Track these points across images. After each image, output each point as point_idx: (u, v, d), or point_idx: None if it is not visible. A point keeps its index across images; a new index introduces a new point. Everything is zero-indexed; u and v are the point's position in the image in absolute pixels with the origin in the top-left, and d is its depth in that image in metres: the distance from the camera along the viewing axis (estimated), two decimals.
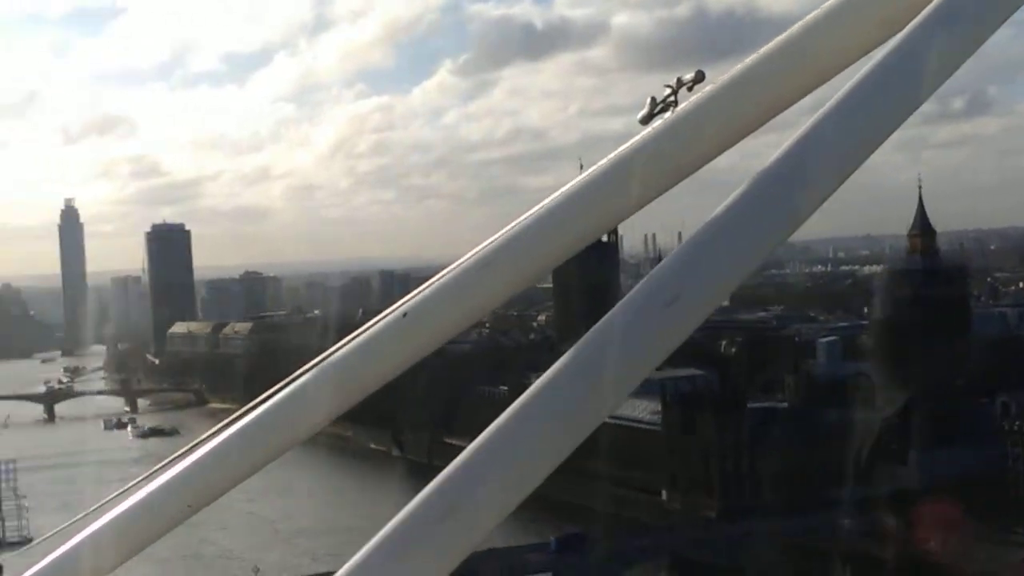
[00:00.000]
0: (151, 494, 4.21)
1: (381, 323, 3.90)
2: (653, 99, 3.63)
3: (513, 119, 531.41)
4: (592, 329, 3.00)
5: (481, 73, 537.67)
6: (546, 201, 3.67)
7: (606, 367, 2.95)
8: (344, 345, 3.99)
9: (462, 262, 3.74)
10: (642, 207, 3.67)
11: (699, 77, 3.54)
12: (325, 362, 3.97)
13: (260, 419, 4.08)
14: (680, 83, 3.57)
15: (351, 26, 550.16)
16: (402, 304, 3.85)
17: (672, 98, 3.58)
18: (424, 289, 3.84)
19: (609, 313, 3.01)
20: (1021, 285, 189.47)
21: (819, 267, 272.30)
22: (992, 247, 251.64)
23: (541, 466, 2.98)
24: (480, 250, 3.68)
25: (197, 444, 4.34)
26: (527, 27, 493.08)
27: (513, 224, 3.69)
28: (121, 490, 4.59)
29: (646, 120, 3.65)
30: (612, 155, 3.68)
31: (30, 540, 24.85)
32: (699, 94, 3.57)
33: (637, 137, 3.64)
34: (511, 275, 3.73)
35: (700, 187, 3.82)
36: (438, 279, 3.81)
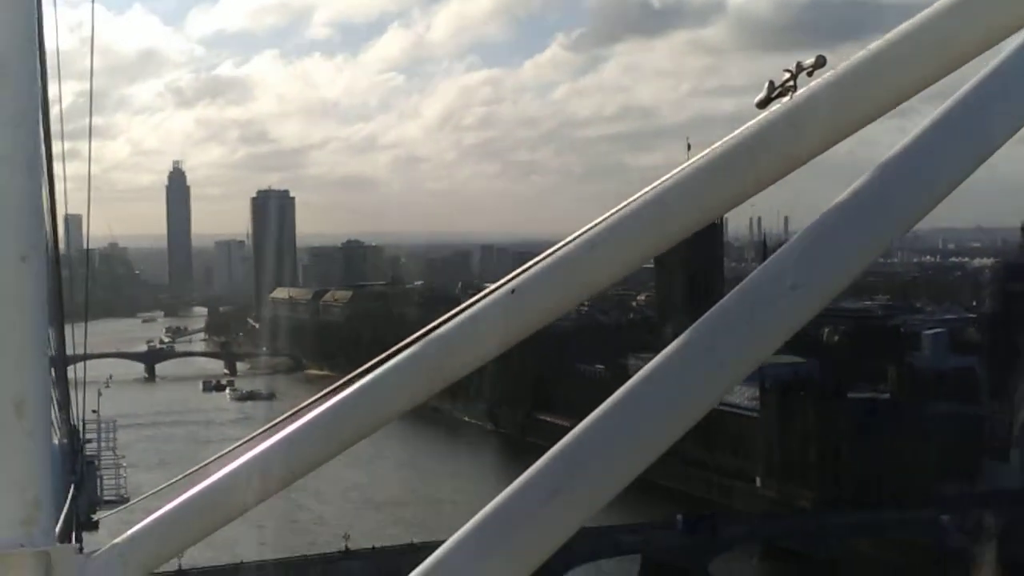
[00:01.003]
0: (256, 457, 4.24)
1: (488, 298, 3.87)
2: (771, 83, 3.52)
3: (623, 96, 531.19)
4: (709, 312, 2.99)
5: (594, 48, 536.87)
6: (657, 183, 3.60)
7: (721, 351, 2.94)
8: (450, 319, 3.96)
9: (572, 240, 3.70)
10: (757, 193, 3.60)
11: (820, 62, 3.43)
12: (431, 335, 3.94)
13: (365, 388, 4.08)
14: (800, 68, 3.46)
15: None
16: (510, 280, 3.83)
17: (791, 83, 3.47)
18: (533, 266, 3.80)
19: (728, 295, 3.00)
20: None
21: (928, 257, 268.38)
22: None
23: (650, 449, 2.97)
24: (590, 229, 3.64)
25: (302, 409, 4.36)
26: (643, 4, 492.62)
27: (624, 204, 3.63)
28: (218, 455, 4.62)
29: (763, 104, 3.54)
30: (727, 139, 3.61)
31: (127, 499, 25.06)
32: (819, 80, 3.46)
33: (753, 122, 3.56)
34: (621, 256, 3.67)
35: (810, 173, 3.73)
36: (546, 256, 3.78)
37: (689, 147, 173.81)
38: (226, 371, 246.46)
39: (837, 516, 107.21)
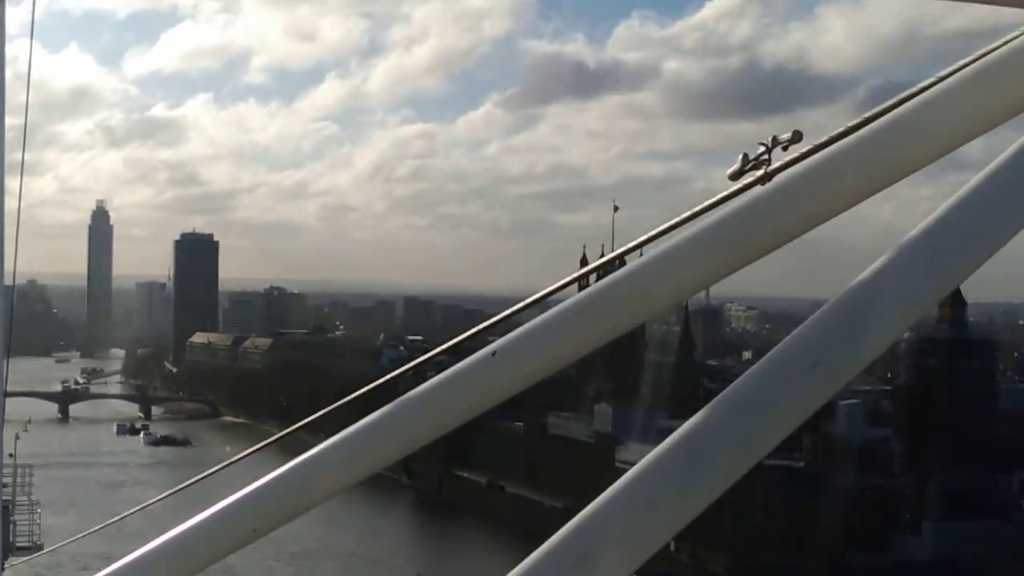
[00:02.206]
0: (215, 515, 4.18)
1: (469, 360, 3.86)
2: (745, 155, 3.55)
3: (554, 156, 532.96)
4: (725, 391, 2.98)
5: (527, 108, 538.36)
6: (644, 257, 3.66)
7: (736, 431, 2.94)
8: (431, 380, 3.97)
9: (557, 307, 3.75)
10: (738, 270, 3.65)
11: (796, 138, 3.47)
12: (409, 395, 3.95)
13: (337, 447, 4.06)
14: (776, 142, 3.48)
15: (404, 52, 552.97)
16: (493, 343, 3.84)
17: (766, 156, 3.49)
18: (518, 329, 3.83)
19: (746, 373, 2.99)
20: None
21: None
22: (1021, 322, 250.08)
23: (668, 525, 2.95)
24: (576, 297, 3.70)
25: (242, 457, 4.31)
26: (578, 66, 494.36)
27: (611, 276, 3.69)
28: (138, 507, 4.57)
29: (736, 176, 3.57)
30: (706, 212, 3.67)
31: (40, 547, 24.59)
32: (803, 164, 3.49)
33: (737, 199, 3.57)
34: (604, 323, 3.71)
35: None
36: (531, 323, 3.81)
37: (616, 208, 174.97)
38: (141, 415, 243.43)
39: None
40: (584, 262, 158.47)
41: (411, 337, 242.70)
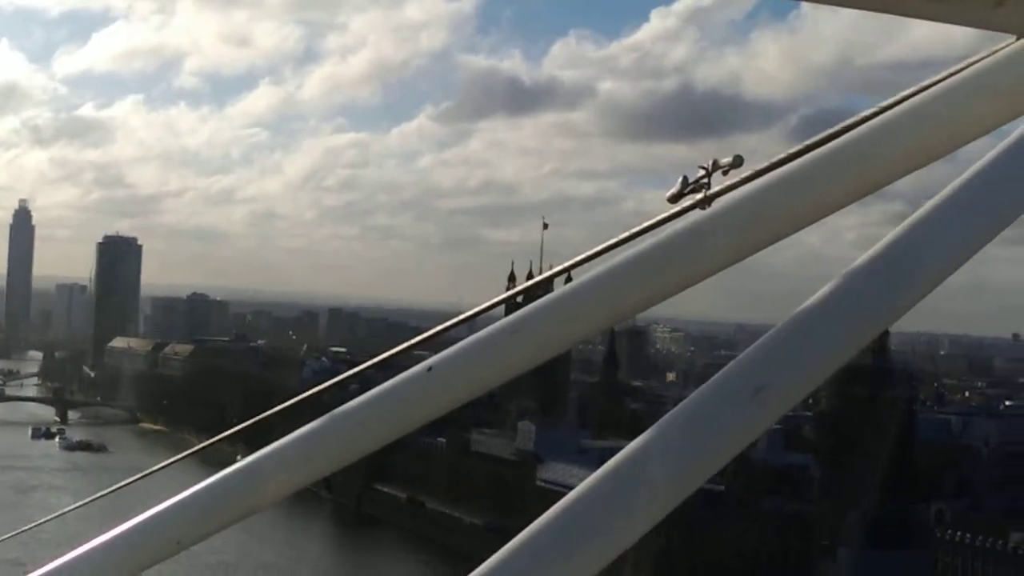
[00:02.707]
0: (138, 525, 4.13)
1: (404, 376, 3.84)
2: (685, 178, 3.56)
3: (486, 170, 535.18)
4: (669, 413, 2.97)
5: (461, 122, 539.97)
6: (585, 276, 3.64)
7: (680, 454, 2.92)
8: (364, 394, 3.95)
9: (500, 322, 3.72)
10: (674, 295, 3.67)
11: (737, 162, 3.48)
12: (345, 407, 3.93)
13: (268, 458, 4.03)
14: (716, 166, 3.49)
15: (340, 61, 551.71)
16: (428, 359, 3.81)
17: (705, 180, 3.50)
18: (455, 346, 3.81)
19: (689, 398, 2.98)
20: (967, 394, 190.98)
21: None
22: (942, 352, 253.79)
23: (607, 550, 2.89)
24: (514, 315, 3.68)
25: (166, 466, 4.24)
26: (514, 82, 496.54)
27: (549, 296, 3.69)
28: (53, 515, 4.50)
29: (675, 199, 3.58)
30: (644, 234, 3.69)
31: None
32: (742, 189, 3.51)
33: (675, 221, 3.57)
34: (539, 343, 3.71)
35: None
36: (468, 340, 3.79)
37: (546, 226, 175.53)
38: (57, 418, 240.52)
39: None
40: (512, 277, 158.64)
41: (335, 349, 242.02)
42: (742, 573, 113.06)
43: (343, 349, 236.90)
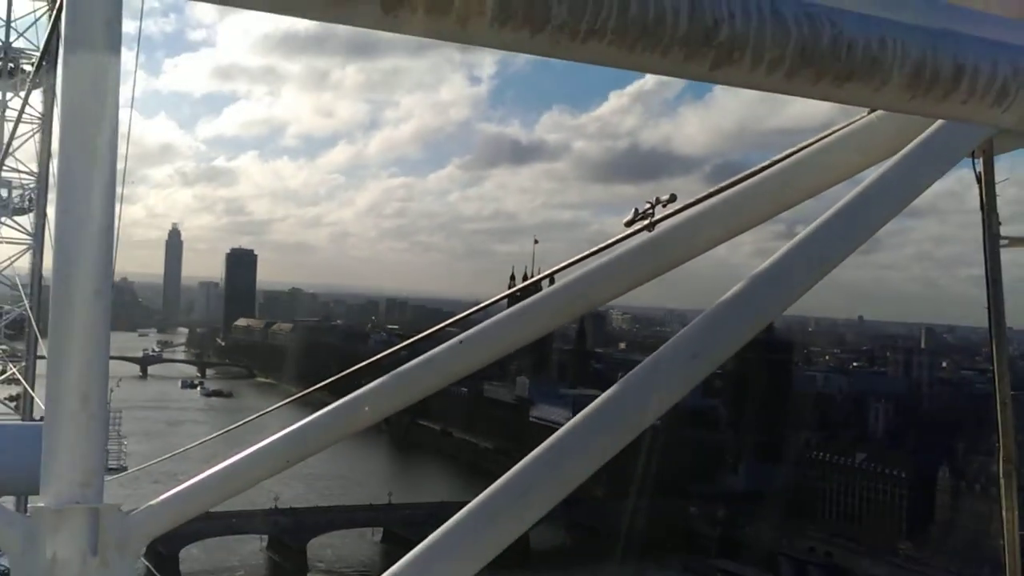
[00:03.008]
0: (260, 449, 4.15)
1: (442, 347, 3.95)
2: (636, 209, 3.55)
3: (496, 203, 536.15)
4: (629, 374, 2.99)
5: (478, 170, 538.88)
6: (566, 279, 3.79)
7: (638, 403, 2.95)
8: (413, 360, 4.05)
9: (507, 310, 3.86)
10: (628, 291, 3.76)
11: (672, 198, 3.49)
12: (400, 369, 4.01)
13: (342, 406, 4.07)
14: (658, 200, 3.50)
15: (394, 128, 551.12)
16: (460, 335, 3.94)
17: (651, 211, 3.51)
18: (478, 326, 3.92)
19: (643, 362, 3.00)
20: (826, 358, 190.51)
21: None
22: (810, 329, 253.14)
23: (581, 473, 2.94)
24: (518, 305, 3.82)
25: (273, 410, 4.26)
26: (515, 142, 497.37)
27: (541, 292, 3.84)
28: (195, 443, 4.51)
29: (629, 224, 3.57)
30: (603, 256, 3.76)
31: (125, 468, 24.22)
32: (677, 216, 3.56)
33: (628, 241, 3.64)
34: (536, 325, 3.83)
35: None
36: (487, 322, 3.91)
37: (536, 242, 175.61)
38: (199, 375, 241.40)
39: (620, 503, 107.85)
40: (512, 278, 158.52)
41: (390, 326, 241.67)
42: (676, 480, 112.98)
43: (396, 326, 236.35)
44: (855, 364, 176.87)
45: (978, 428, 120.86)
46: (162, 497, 3.90)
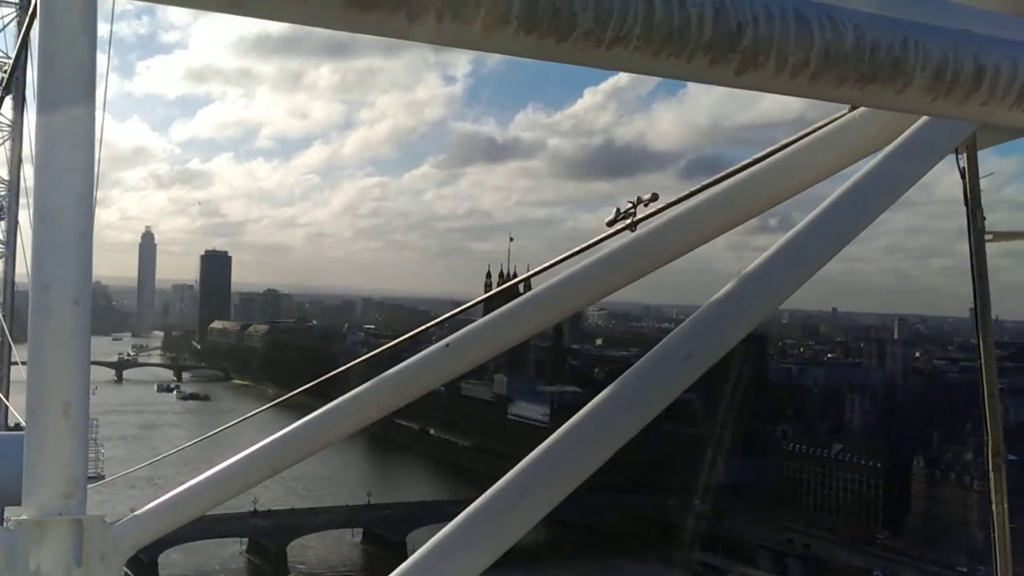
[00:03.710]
0: (246, 456, 4.13)
1: (429, 349, 3.94)
2: (618, 209, 3.55)
3: (471, 201, 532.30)
4: (625, 373, 3.01)
5: (453, 168, 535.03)
6: (551, 281, 3.77)
7: (635, 403, 2.97)
8: (399, 364, 4.02)
9: (494, 312, 3.83)
10: (612, 294, 3.77)
11: (654, 198, 3.49)
12: (388, 373, 3.98)
13: (327, 413, 4.05)
14: (640, 200, 3.50)
15: (369, 128, 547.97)
16: (446, 338, 3.93)
17: (633, 211, 3.51)
18: (464, 329, 3.91)
19: (638, 362, 3.01)
20: (801, 350, 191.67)
21: (665, 323, 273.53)
22: (784, 321, 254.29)
23: (584, 472, 2.96)
24: (504, 307, 3.80)
25: (252, 416, 4.24)
26: (490, 140, 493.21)
27: (527, 295, 3.81)
28: (175, 449, 4.48)
29: (611, 223, 3.57)
30: (586, 255, 3.76)
31: (102, 476, 23.92)
32: (660, 217, 3.55)
33: (611, 241, 3.63)
34: (523, 327, 3.83)
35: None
36: (473, 324, 3.91)
37: (511, 239, 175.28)
38: (175, 378, 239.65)
39: (596, 497, 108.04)
40: (488, 276, 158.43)
41: (367, 326, 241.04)
42: (652, 473, 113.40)
43: (372, 326, 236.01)
44: (830, 356, 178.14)
45: (952, 417, 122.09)
46: (147, 507, 3.87)
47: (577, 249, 3.77)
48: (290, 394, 4.29)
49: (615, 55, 1.69)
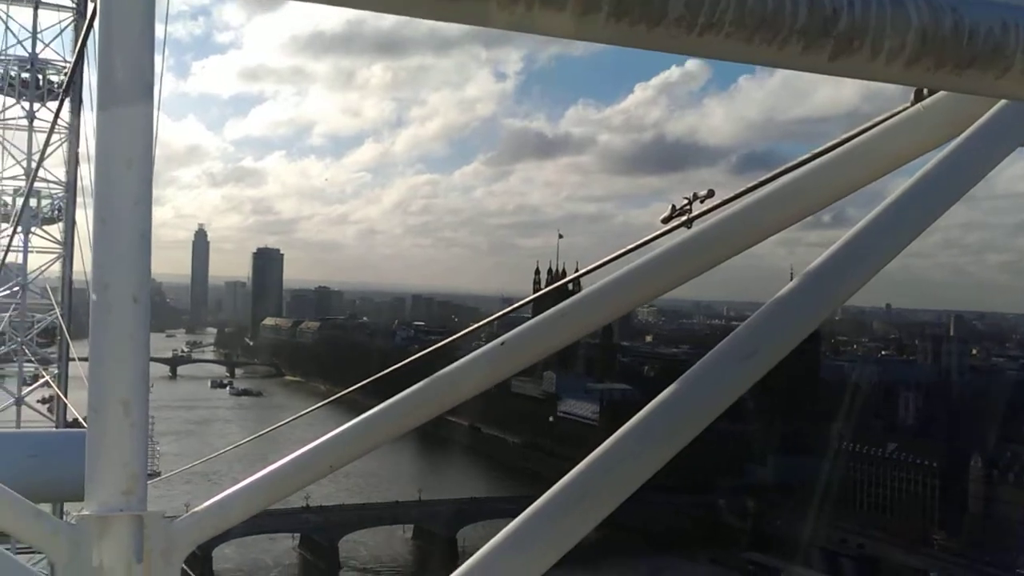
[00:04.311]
0: (303, 454, 4.15)
1: (483, 348, 3.89)
2: (673, 206, 3.49)
3: (520, 198, 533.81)
4: (683, 376, 2.98)
5: (503, 165, 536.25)
6: (603, 281, 3.72)
7: (694, 406, 2.94)
8: (455, 361, 3.99)
9: (549, 311, 3.79)
10: (667, 292, 3.72)
11: (710, 194, 3.44)
12: (444, 371, 3.98)
13: (383, 411, 4.06)
14: (696, 196, 3.45)
15: (420, 125, 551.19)
16: (502, 336, 3.87)
17: (688, 207, 3.46)
18: (518, 328, 3.87)
19: (699, 362, 2.98)
20: (854, 347, 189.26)
21: (716, 320, 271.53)
22: (837, 318, 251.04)
23: (641, 476, 2.93)
24: (558, 306, 3.77)
25: (309, 412, 4.25)
26: (540, 136, 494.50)
27: (582, 293, 3.77)
28: (233, 445, 4.52)
29: (666, 220, 3.52)
30: (651, 248, 3.68)
31: (158, 473, 24.22)
32: (717, 214, 3.50)
33: (667, 239, 3.57)
34: (577, 327, 3.79)
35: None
36: (527, 323, 3.86)
37: (560, 236, 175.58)
38: (228, 374, 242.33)
39: (647, 496, 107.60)
40: (537, 272, 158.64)
41: (416, 323, 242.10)
42: (703, 473, 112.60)
43: (422, 323, 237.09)
44: (884, 353, 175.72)
45: (1011, 416, 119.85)
46: (206, 503, 3.91)
47: (631, 247, 3.74)
48: (341, 393, 4.27)
49: (706, 42, 1.67)
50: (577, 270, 4.23)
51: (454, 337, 4.41)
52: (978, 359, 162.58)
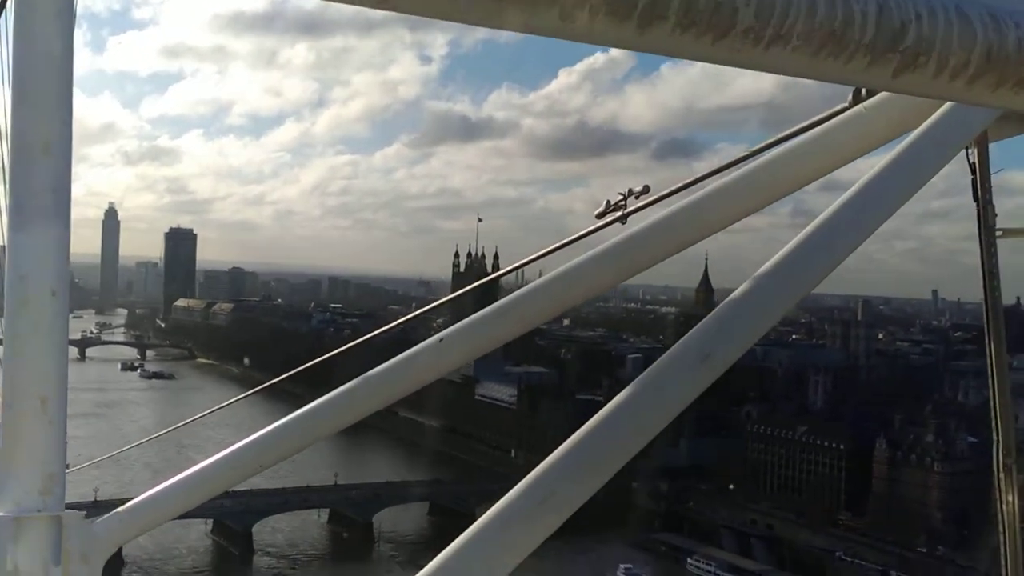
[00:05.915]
0: (232, 453, 4.02)
1: (421, 345, 3.85)
2: (608, 201, 3.44)
3: (441, 180, 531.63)
4: (639, 378, 2.92)
5: (425, 147, 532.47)
6: (543, 278, 3.69)
7: (653, 405, 2.90)
8: (391, 359, 3.92)
9: (487, 308, 3.76)
10: (605, 291, 3.70)
11: (645, 190, 3.39)
12: (379, 368, 3.87)
13: (318, 408, 3.93)
14: (631, 192, 3.39)
15: (342, 106, 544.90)
16: (440, 333, 3.84)
17: (623, 203, 3.39)
18: (456, 325, 3.85)
19: (656, 362, 2.93)
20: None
21: (632, 304, 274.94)
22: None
23: (603, 475, 2.86)
24: (498, 303, 3.73)
25: (229, 404, 4.12)
26: (463, 119, 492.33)
27: (520, 291, 3.73)
28: (146, 439, 4.32)
29: (600, 216, 3.46)
30: (574, 248, 3.67)
31: (67, 465, 23.54)
32: (657, 216, 3.47)
33: (598, 234, 3.52)
34: (515, 325, 3.76)
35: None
36: (465, 320, 3.83)
37: (480, 219, 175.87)
38: (138, 356, 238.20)
39: None
40: (456, 256, 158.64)
41: (333, 305, 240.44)
42: None
43: (339, 306, 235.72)
44: (794, 337, 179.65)
45: (914, 399, 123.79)
46: (129, 504, 3.79)
47: (564, 241, 3.65)
48: (269, 383, 4.13)
49: (772, 55, 1.62)
50: (496, 254, 4.16)
51: (385, 328, 4.32)
52: (884, 343, 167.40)
